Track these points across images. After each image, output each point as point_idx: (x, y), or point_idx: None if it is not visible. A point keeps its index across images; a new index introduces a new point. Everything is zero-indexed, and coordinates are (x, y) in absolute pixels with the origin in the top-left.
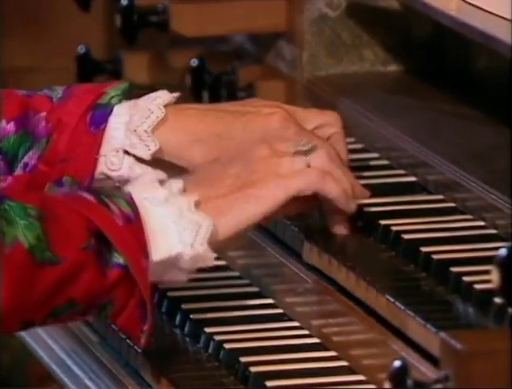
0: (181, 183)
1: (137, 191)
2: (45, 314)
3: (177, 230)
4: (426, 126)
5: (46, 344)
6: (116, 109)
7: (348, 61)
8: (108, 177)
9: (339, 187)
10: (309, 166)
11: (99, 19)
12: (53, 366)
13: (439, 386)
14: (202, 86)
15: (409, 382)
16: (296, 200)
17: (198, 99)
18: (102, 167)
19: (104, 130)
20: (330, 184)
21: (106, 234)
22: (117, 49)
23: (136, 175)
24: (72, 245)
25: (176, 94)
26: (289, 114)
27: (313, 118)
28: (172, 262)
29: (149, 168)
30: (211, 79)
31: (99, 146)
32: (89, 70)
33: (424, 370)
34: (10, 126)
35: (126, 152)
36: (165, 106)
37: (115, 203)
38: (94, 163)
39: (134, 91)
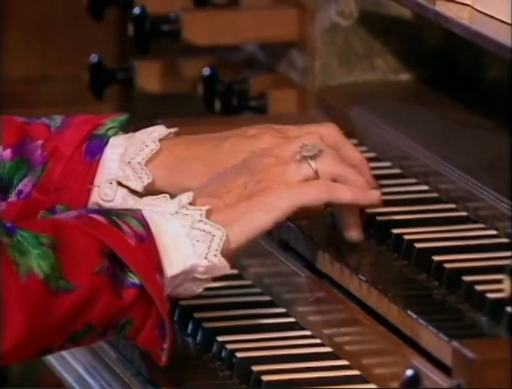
0: (190, 194)
1: (147, 207)
2: (63, 340)
3: (189, 242)
4: (438, 135)
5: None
6: (112, 140)
7: (360, 71)
8: (100, 207)
9: (351, 190)
10: (316, 171)
11: (111, 28)
12: (65, 374)
13: None
14: (213, 95)
15: None
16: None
17: (210, 108)
18: (95, 197)
19: (99, 160)
20: (342, 190)
21: (119, 255)
22: (129, 57)
23: (129, 206)
24: (86, 270)
25: (173, 129)
26: (279, 133)
27: (308, 134)
28: (187, 275)
29: (140, 199)
30: (223, 87)
31: (93, 176)
32: (101, 78)
33: (436, 379)
34: (7, 153)
35: (120, 184)
36: (160, 140)
37: (126, 222)
38: (88, 193)
39: (139, 106)
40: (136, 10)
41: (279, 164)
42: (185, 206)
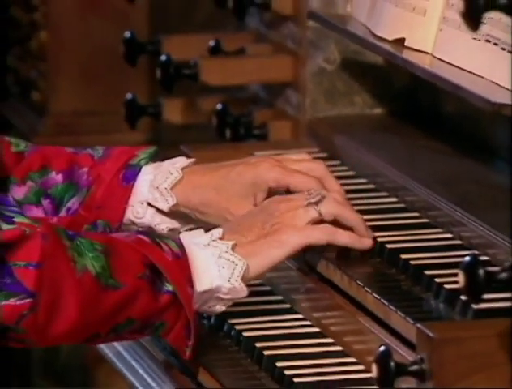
0: (221, 230)
1: (186, 237)
2: (108, 330)
3: (217, 267)
4: (404, 157)
5: None
6: (143, 169)
7: (342, 106)
8: (133, 224)
9: (349, 235)
10: (320, 213)
11: (143, 71)
12: (106, 350)
13: (416, 367)
14: (225, 125)
15: (392, 364)
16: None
17: (221, 136)
18: (129, 215)
19: (133, 185)
20: (341, 235)
21: (158, 267)
22: (157, 95)
23: (156, 223)
24: (130, 274)
25: (192, 160)
26: (276, 162)
27: (301, 164)
28: (212, 293)
29: (167, 218)
30: (232, 119)
31: (128, 198)
32: (135, 112)
33: (403, 354)
34: (59, 177)
35: (149, 204)
36: (183, 168)
37: (166, 243)
38: (123, 211)
39: (165, 134)
40: (163, 58)
41: (290, 210)
42: (215, 239)
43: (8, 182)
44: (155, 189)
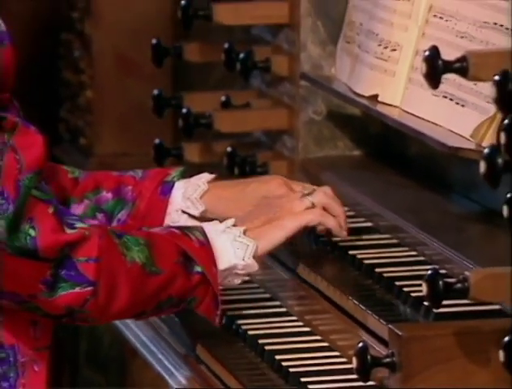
0: (233, 220)
1: (207, 226)
2: (153, 307)
3: (232, 249)
4: (378, 189)
5: (133, 330)
6: (176, 184)
7: (328, 149)
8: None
9: (334, 220)
10: (313, 204)
11: (169, 121)
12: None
13: (388, 359)
14: (233, 164)
15: (368, 357)
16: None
17: (231, 173)
18: (168, 221)
19: (169, 197)
20: (328, 218)
21: (189, 253)
22: (179, 140)
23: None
24: (168, 261)
25: (213, 175)
26: (284, 181)
27: (305, 187)
28: (230, 270)
29: (197, 222)
30: (240, 160)
31: (166, 207)
32: (161, 155)
33: (378, 349)
34: (109, 195)
35: (183, 212)
36: (208, 182)
37: (192, 233)
38: (163, 219)
39: (189, 170)
40: (184, 110)
41: (288, 202)
42: (229, 227)
43: (68, 202)
44: (187, 199)
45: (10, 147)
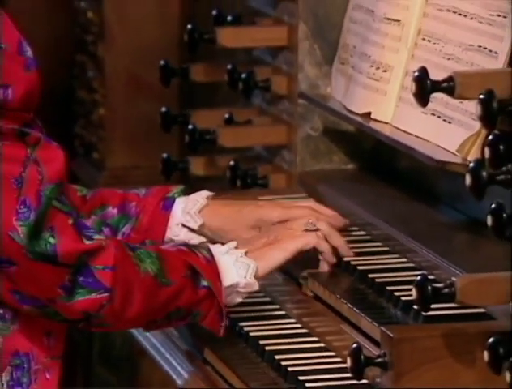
0: (235, 243)
1: (212, 247)
2: (162, 317)
3: (235, 269)
4: (371, 201)
5: (143, 333)
6: (177, 200)
7: (324, 163)
8: (172, 241)
9: (327, 245)
10: (317, 229)
11: (175, 137)
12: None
13: (380, 359)
14: (236, 177)
15: (362, 357)
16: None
17: (234, 185)
18: (169, 234)
19: (170, 212)
20: (323, 242)
21: (196, 268)
22: (185, 155)
23: (189, 239)
24: (178, 274)
25: (212, 193)
26: (276, 204)
27: (296, 202)
28: (233, 288)
29: (196, 235)
30: (242, 173)
31: (167, 222)
32: (169, 168)
33: (371, 350)
34: (115, 210)
35: (183, 225)
36: (207, 198)
37: (200, 252)
38: (164, 232)
39: (194, 182)
40: (190, 126)
41: (287, 228)
42: (232, 248)
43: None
44: (186, 213)
45: (33, 160)
